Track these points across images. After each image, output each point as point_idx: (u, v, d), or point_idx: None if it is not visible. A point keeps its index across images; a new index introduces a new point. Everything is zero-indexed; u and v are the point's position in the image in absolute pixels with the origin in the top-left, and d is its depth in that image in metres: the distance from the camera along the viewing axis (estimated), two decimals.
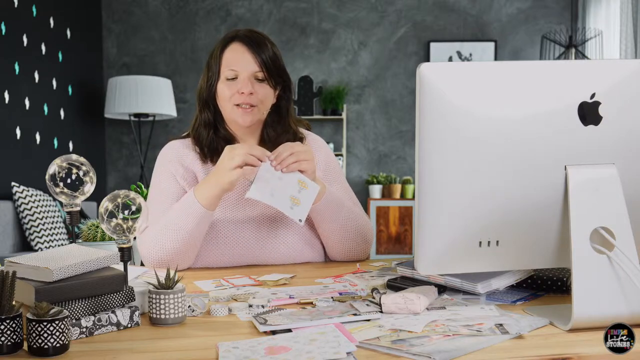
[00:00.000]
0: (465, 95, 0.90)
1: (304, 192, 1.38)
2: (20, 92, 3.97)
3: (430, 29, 5.66)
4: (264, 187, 1.35)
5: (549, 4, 5.66)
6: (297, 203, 1.36)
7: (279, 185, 1.36)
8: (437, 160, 0.91)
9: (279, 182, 1.36)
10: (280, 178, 1.36)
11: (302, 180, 1.38)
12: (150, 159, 5.29)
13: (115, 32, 5.55)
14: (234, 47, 1.50)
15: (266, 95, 1.51)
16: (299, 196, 1.37)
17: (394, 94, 5.69)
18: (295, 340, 0.84)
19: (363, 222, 1.55)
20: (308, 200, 1.38)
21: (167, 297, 0.94)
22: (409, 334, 0.87)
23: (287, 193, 1.36)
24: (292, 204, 1.36)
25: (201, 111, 1.57)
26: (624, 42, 4.58)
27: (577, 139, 0.93)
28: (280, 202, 1.35)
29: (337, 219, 1.50)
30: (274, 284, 1.25)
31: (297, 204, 1.36)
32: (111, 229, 1.02)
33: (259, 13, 5.62)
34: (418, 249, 0.95)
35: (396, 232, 5.40)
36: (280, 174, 1.37)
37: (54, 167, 1.13)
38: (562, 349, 0.82)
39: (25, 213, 3.54)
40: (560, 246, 0.97)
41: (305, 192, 1.38)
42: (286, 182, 1.37)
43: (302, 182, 1.38)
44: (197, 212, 1.39)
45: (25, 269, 0.91)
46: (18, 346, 0.81)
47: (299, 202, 1.37)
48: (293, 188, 1.37)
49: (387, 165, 5.72)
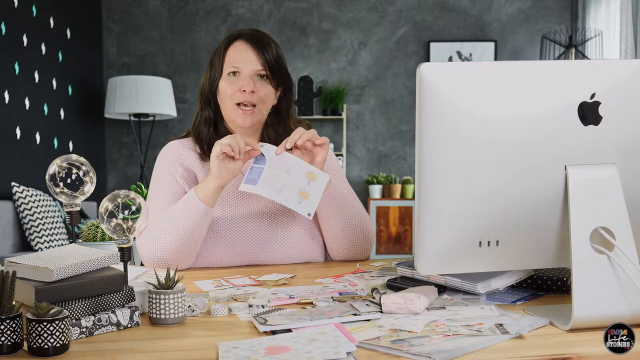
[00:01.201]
0: (465, 95, 0.90)
1: (312, 184, 1.35)
2: (20, 92, 3.97)
3: (430, 29, 5.66)
4: (273, 183, 1.33)
5: (549, 4, 5.66)
6: (305, 197, 1.34)
7: (287, 179, 1.34)
8: (437, 160, 0.91)
9: (287, 176, 1.34)
10: (288, 172, 1.34)
11: (310, 172, 1.36)
12: (150, 159, 5.29)
13: (115, 32, 5.55)
14: (238, 44, 1.51)
15: (267, 95, 1.51)
16: (307, 189, 1.34)
17: (394, 94, 5.69)
18: (295, 340, 0.84)
19: (366, 219, 1.55)
20: (317, 192, 1.35)
21: (167, 297, 0.94)
22: (409, 334, 0.87)
23: (296, 187, 1.34)
24: (300, 199, 1.34)
25: (202, 108, 1.57)
26: (624, 42, 4.58)
27: (577, 139, 0.93)
28: (287, 198, 1.33)
29: (342, 212, 1.50)
30: (274, 284, 1.25)
31: (306, 198, 1.34)
32: (111, 229, 1.01)
33: (259, 13, 5.62)
34: (418, 249, 0.95)
35: (396, 232, 5.40)
36: (289, 167, 1.35)
37: (54, 167, 1.13)
38: (562, 349, 0.82)
39: (25, 213, 3.54)
40: (560, 246, 0.97)
41: (314, 184, 1.35)
42: (295, 176, 1.34)
43: (311, 173, 1.36)
44: (197, 208, 1.39)
45: (25, 269, 0.91)
46: (18, 346, 0.81)
47: (307, 196, 1.34)
48: (302, 181, 1.35)
49: (387, 165, 5.72)
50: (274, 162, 1.35)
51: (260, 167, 1.36)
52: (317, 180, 1.36)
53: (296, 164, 1.36)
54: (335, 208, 1.48)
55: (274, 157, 1.36)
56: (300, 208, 1.33)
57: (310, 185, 1.35)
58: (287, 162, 1.36)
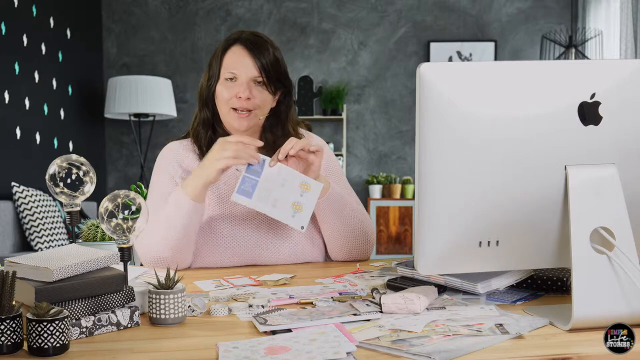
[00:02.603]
0: (465, 95, 0.90)
1: (306, 195, 1.35)
2: (20, 92, 3.97)
3: (430, 29, 5.66)
4: (267, 196, 1.33)
5: (549, 4, 5.66)
6: (298, 209, 1.34)
7: (281, 192, 1.33)
8: (437, 160, 0.91)
9: (282, 189, 1.33)
10: (282, 184, 1.34)
11: (304, 183, 1.35)
12: (150, 159, 5.29)
13: (115, 32, 5.55)
14: (235, 50, 1.50)
15: (264, 101, 1.51)
16: (301, 200, 1.34)
17: (394, 94, 5.69)
18: (295, 340, 0.84)
19: (366, 221, 1.55)
20: (310, 204, 1.35)
21: (167, 297, 0.94)
22: (409, 334, 0.87)
23: (289, 200, 1.33)
24: (293, 212, 1.33)
25: (200, 110, 1.57)
26: (624, 42, 4.58)
27: (577, 139, 0.93)
28: (281, 212, 1.33)
29: (341, 216, 1.49)
30: (274, 284, 1.25)
31: (299, 210, 1.34)
32: (111, 229, 1.01)
33: (259, 13, 5.62)
34: (418, 249, 0.95)
35: (396, 232, 5.40)
36: (283, 179, 1.34)
37: (54, 167, 1.13)
38: (562, 349, 0.82)
39: (25, 213, 3.54)
40: (560, 246, 0.97)
41: (308, 195, 1.35)
42: (288, 188, 1.34)
43: (305, 184, 1.35)
44: (186, 205, 1.40)
45: (25, 269, 0.91)
46: (18, 346, 0.81)
47: (300, 208, 1.34)
48: (295, 193, 1.34)
49: (387, 165, 5.72)
50: (268, 175, 1.35)
51: (253, 179, 1.35)
52: (311, 190, 1.35)
53: (290, 176, 1.36)
54: (334, 212, 1.48)
55: (268, 170, 1.35)
56: (294, 222, 1.33)
57: (303, 196, 1.35)
58: (281, 174, 1.35)
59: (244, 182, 1.35)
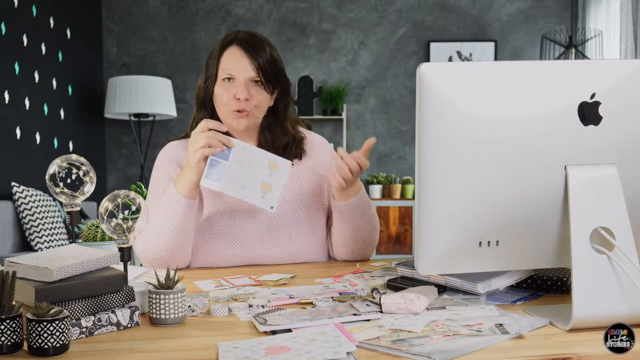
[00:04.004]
0: (465, 96, 0.90)
1: (274, 174, 1.33)
2: (20, 92, 3.96)
3: (430, 29, 5.66)
4: (235, 178, 1.31)
5: (549, 4, 5.66)
6: (267, 189, 1.32)
7: (249, 173, 1.32)
8: (437, 160, 0.91)
9: (249, 169, 1.32)
10: (250, 165, 1.32)
11: (272, 162, 1.33)
12: (150, 159, 5.28)
13: (115, 32, 5.55)
14: (232, 50, 1.50)
15: (262, 101, 1.51)
16: (269, 180, 1.32)
17: (394, 94, 5.68)
18: (295, 340, 0.84)
19: (378, 225, 1.58)
20: (279, 182, 1.33)
21: (167, 297, 0.94)
22: (409, 334, 0.87)
23: (258, 180, 1.32)
24: (263, 192, 1.32)
25: (198, 111, 1.58)
26: (624, 42, 4.58)
27: (577, 139, 0.93)
28: (250, 194, 1.31)
29: (365, 216, 1.51)
30: (274, 284, 1.25)
31: (268, 190, 1.32)
32: (111, 229, 1.02)
33: (259, 13, 5.62)
34: (418, 249, 0.95)
35: (396, 232, 5.40)
36: (250, 159, 1.33)
37: (54, 167, 1.13)
38: (562, 349, 0.82)
39: (25, 213, 3.54)
40: (560, 246, 0.97)
41: (276, 174, 1.33)
42: (256, 168, 1.33)
43: (272, 163, 1.33)
44: (179, 203, 1.40)
45: (25, 269, 0.91)
46: (18, 346, 0.81)
47: (269, 188, 1.32)
48: (264, 172, 1.33)
49: (387, 165, 5.72)
50: (236, 156, 1.34)
51: (220, 162, 1.34)
52: (279, 169, 1.34)
53: (257, 156, 1.35)
54: (359, 213, 1.50)
55: (235, 151, 1.34)
56: (264, 202, 1.32)
57: (272, 176, 1.34)
58: (248, 154, 1.35)
59: (211, 165, 1.34)
